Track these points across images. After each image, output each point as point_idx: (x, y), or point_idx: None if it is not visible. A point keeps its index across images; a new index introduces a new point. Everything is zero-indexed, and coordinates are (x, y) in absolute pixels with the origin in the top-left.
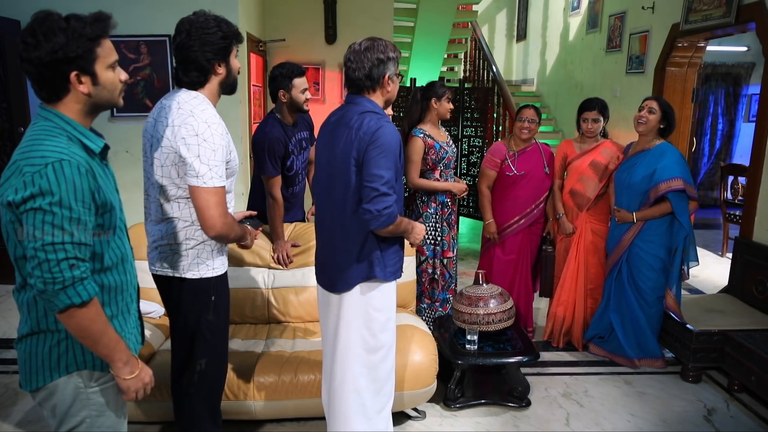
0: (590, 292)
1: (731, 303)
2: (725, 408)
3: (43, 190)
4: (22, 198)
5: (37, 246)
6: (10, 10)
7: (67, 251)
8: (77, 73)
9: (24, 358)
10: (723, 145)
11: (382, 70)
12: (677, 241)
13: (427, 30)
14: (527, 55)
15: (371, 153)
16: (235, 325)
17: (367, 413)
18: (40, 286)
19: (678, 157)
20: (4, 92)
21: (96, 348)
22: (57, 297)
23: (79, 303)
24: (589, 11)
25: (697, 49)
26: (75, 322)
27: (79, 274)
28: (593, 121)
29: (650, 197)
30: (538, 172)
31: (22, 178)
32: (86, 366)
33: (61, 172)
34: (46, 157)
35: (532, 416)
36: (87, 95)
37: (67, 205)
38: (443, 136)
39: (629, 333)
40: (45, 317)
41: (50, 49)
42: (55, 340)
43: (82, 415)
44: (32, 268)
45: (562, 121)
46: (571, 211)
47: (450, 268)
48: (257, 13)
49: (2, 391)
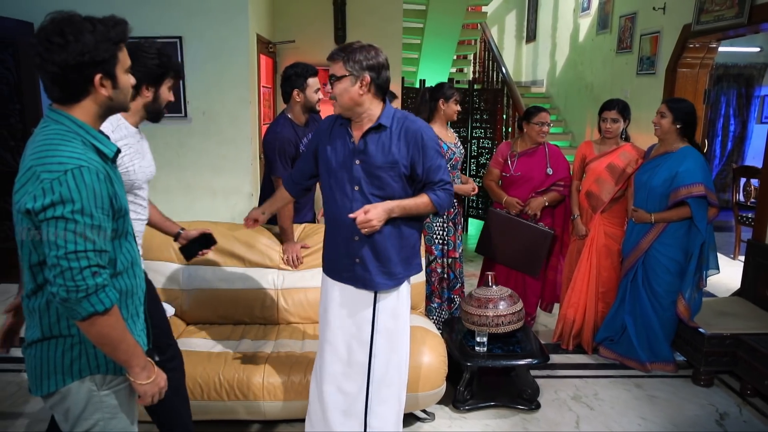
0: (602, 296)
1: (743, 306)
2: (738, 412)
3: (64, 197)
4: (42, 206)
5: (59, 254)
6: (23, 13)
7: (90, 259)
8: (101, 76)
9: (35, 364)
10: (735, 147)
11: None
12: (694, 246)
13: (437, 31)
14: (537, 56)
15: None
16: (244, 325)
17: None
18: (63, 295)
19: (701, 162)
20: (18, 93)
21: (115, 354)
22: (80, 305)
23: (102, 310)
24: (599, 12)
25: (708, 50)
26: (96, 330)
27: (101, 281)
28: (612, 121)
29: (669, 200)
30: (538, 174)
31: (41, 185)
32: (99, 370)
33: (81, 179)
34: (64, 164)
35: (541, 419)
36: (108, 98)
37: (89, 213)
38: (451, 137)
39: (642, 335)
40: (57, 323)
41: (79, 51)
42: (68, 344)
43: (95, 418)
44: (54, 276)
45: (572, 122)
46: (585, 213)
47: (455, 268)
48: (267, 15)
49: (15, 390)
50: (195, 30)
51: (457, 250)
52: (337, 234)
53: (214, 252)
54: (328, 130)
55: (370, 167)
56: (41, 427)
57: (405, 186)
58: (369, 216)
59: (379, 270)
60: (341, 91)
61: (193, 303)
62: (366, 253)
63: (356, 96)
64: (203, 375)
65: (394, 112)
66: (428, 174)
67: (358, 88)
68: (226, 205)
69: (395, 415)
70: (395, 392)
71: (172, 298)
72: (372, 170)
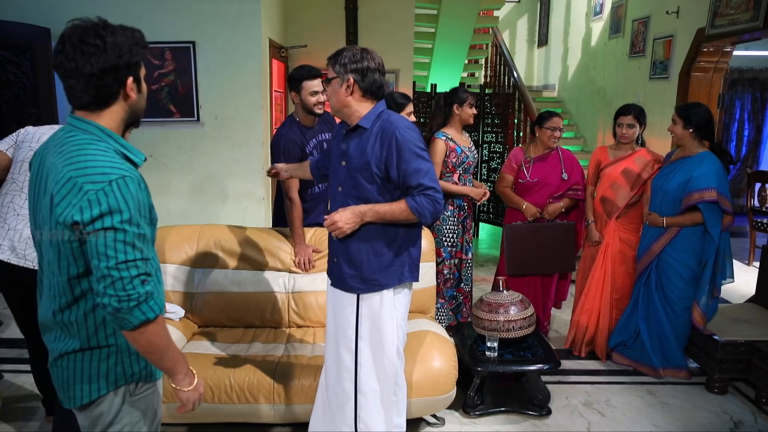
0: (616, 302)
1: (758, 313)
2: (752, 421)
3: (113, 208)
4: (91, 217)
5: (110, 265)
6: (40, 18)
7: (139, 267)
8: (132, 79)
9: (68, 375)
10: (750, 152)
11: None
12: (708, 254)
13: (448, 36)
14: (549, 61)
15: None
16: (255, 329)
17: None
18: (114, 305)
19: (717, 167)
20: (34, 98)
21: (161, 363)
22: (131, 314)
23: (153, 318)
24: (611, 16)
25: (723, 54)
26: (145, 338)
27: (150, 289)
28: (628, 126)
29: (682, 205)
30: (554, 179)
31: (86, 197)
32: (133, 379)
33: (126, 189)
34: (107, 174)
35: (552, 425)
36: (135, 102)
37: (136, 222)
38: (466, 141)
39: (654, 341)
40: (96, 334)
41: (117, 53)
42: (104, 354)
43: (123, 422)
44: (105, 287)
45: (584, 127)
46: (600, 219)
47: (462, 269)
48: (279, 20)
49: (28, 392)
50: (208, 35)
51: (466, 252)
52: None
53: (226, 255)
54: (337, 131)
55: (350, 169)
56: None
57: (381, 189)
58: (335, 218)
59: (353, 273)
60: (330, 93)
61: (205, 306)
62: (341, 255)
63: (342, 97)
64: (214, 378)
65: (380, 114)
66: (404, 178)
67: (344, 90)
68: (238, 209)
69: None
70: (383, 403)
71: (184, 300)
72: (351, 172)
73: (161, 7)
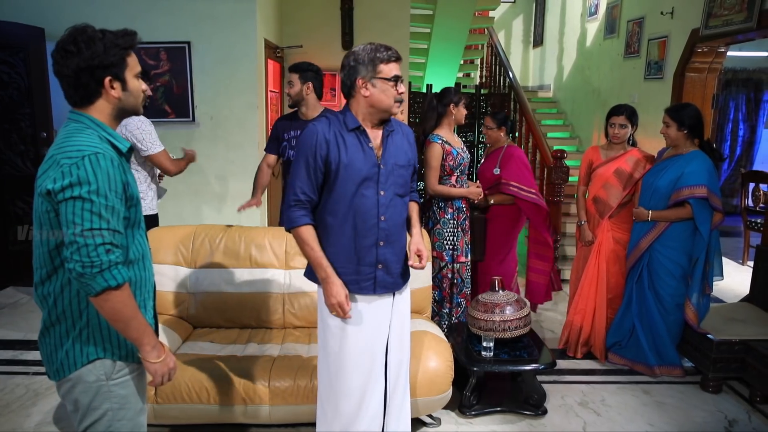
0: (610, 302)
1: (752, 312)
2: (747, 420)
3: (81, 179)
4: (61, 186)
5: (76, 231)
6: (34, 18)
7: (104, 237)
8: (110, 79)
9: (49, 350)
10: (744, 152)
11: (353, 75)
12: (699, 251)
13: (444, 36)
14: (544, 61)
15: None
16: (251, 329)
17: None
18: (78, 269)
19: (708, 165)
20: (29, 98)
21: (127, 331)
22: (94, 280)
23: (114, 285)
24: (606, 17)
25: (717, 55)
26: (109, 305)
27: (114, 258)
28: (620, 127)
29: (671, 200)
30: (488, 174)
31: (60, 169)
32: (106, 354)
33: (97, 164)
34: (82, 150)
35: (548, 424)
36: (117, 99)
37: (104, 194)
38: (459, 142)
39: (648, 339)
40: (70, 306)
41: (89, 56)
42: (77, 328)
43: (104, 407)
44: (71, 253)
45: (579, 127)
46: (593, 219)
47: (462, 272)
48: (275, 20)
49: (23, 392)
50: (203, 35)
51: (465, 255)
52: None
53: (221, 255)
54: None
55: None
56: (50, 428)
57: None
58: (421, 249)
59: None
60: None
61: (200, 306)
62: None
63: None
64: (210, 379)
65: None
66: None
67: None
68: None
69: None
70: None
71: (180, 301)
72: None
73: (156, 8)
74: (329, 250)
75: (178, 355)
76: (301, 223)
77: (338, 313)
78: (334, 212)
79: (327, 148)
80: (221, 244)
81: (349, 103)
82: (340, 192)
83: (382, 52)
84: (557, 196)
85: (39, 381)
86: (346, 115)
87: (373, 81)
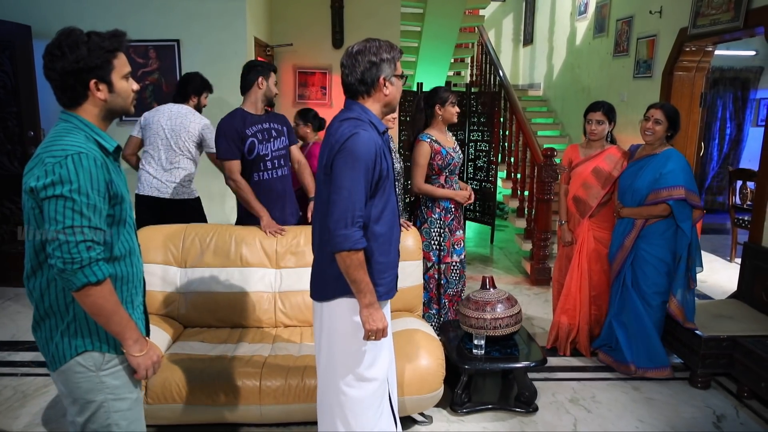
0: (593, 300)
1: (740, 309)
2: (734, 415)
3: (63, 178)
4: (44, 185)
5: (58, 228)
6: (21, 16)
7: (85, 234)
8: (96, 81)
9: (42, 343)
10: (731, 150)
11: (376, 74)
12: (681, 248)
13: (434, 34)
14: (534, 60)
15: (338, 162)
16: (241, 329)
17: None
18: (59, 266)
19: (683, 164)
20: (15, 97)
21: (109, 325)
22: (75, 276)
23: (95, 282)
24: (596, 16)
25: (705, 54)
26: (90, 300)
27: (95, 255)
28: (597, 123)
29: (648, 200)
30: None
31: (44, 167)
32: (94, 347)
33: (79, 163)
34: (66, 150)
35: (539, 422)
36: (103, 101)
37: (85, 193)
38: (450, 141)
39: (636, 340)
40: (56, 300)
41: (74, 60)
42: (65, 323)
43: (99, 399)
44: (53, 249)
45: (569, 125)
46: (573, 218)
47: (448, 273)
48: (265, 18)
49: (11, 394)
50: (193, 33)
51: (453, 255)
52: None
53: (211, 254)
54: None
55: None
56: (38, 430)
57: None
58: None
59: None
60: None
61: (191, 306)
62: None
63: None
64: (200, 378)
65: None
66: None
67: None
68: (223, 209)
69: None
70: None
71: (170, 301)
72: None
73: (145, 6)
74: (381, 260)
75: (168, 355)
76: (363, 245)
77: (378, 336)
78: (382, 220)
79: (383, 157)
80: (211, 244)
81: (363, 101)
82: (386, 198)
83: (396, 49)
84: (547, 194)
85: (27, 382)
86: (370, 116)
87: (392, 79)
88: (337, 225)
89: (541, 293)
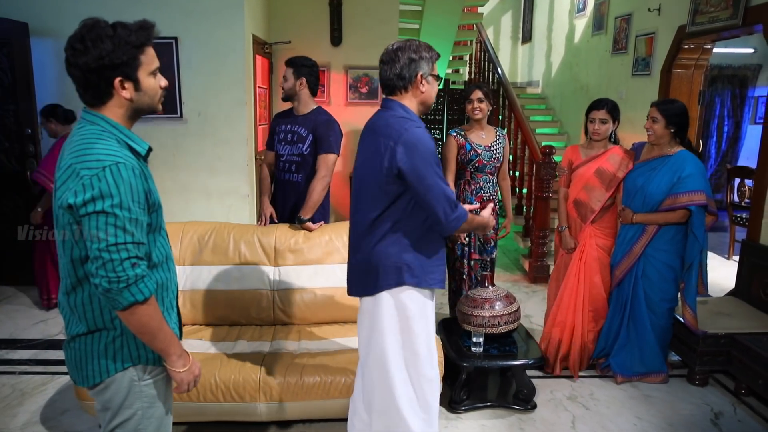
0: (591, 315)
1: (738, 306)
2: (732, 412)
3: (104, 192)
4: (83, 201)
5: (101, 247)
6: (18, 13)
7: (129, 251)
8: (121, 79)
9: (79, 356)
10: (729, 147)
11: (414, 69)
12: (692, 255)
13: (433, 32)
14: (532, 57)
15: (416, 163)
16: (240, 326)
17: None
18: (105, 285)
19: (701, 168)
20: (12, 94)
21: (153, 343)
22: (121, 295)
23: (141, 300)
24: (594, 13)
25: (703, 51)
26: (136, 319)
27: (140, 272)
28: (600, 122)
29: (665, 205)
30: None
31: (81, 181)
32: (140, 361)
33: (118, 175)
34: (102, 161)
35: (537, 419)
36: (129, 100)
37: (127, 207)
38: (484, 139)
39: (632, 346)
40: (101, 315)
41: (97, 55)
42: (110, 337)
43: (135, 407)
44: (96, 268)
45: (568, 123)
46: (574, 223)
47: (475, 269)
48: (263, 15)
49: (9, 392)
50: (191, 30)
51: (481, 253)
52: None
53: (210, 252)
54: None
55: None
56: (37, 428)
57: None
58: None
59: None
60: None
61: (189, 304)
62: None
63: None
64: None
65: None
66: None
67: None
68: (222, 207)
69: None
70: None
71: None
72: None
73: (143, 2)
74: (443, 244)
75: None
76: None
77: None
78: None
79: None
80: (210, 242)
81: (400, 97)
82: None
83: (434, 51)
84: (546, 192)
85: (25, 380)
86: (410, 113)
87: (428, 77)
88: (447, 215)
89: (539, 290)
